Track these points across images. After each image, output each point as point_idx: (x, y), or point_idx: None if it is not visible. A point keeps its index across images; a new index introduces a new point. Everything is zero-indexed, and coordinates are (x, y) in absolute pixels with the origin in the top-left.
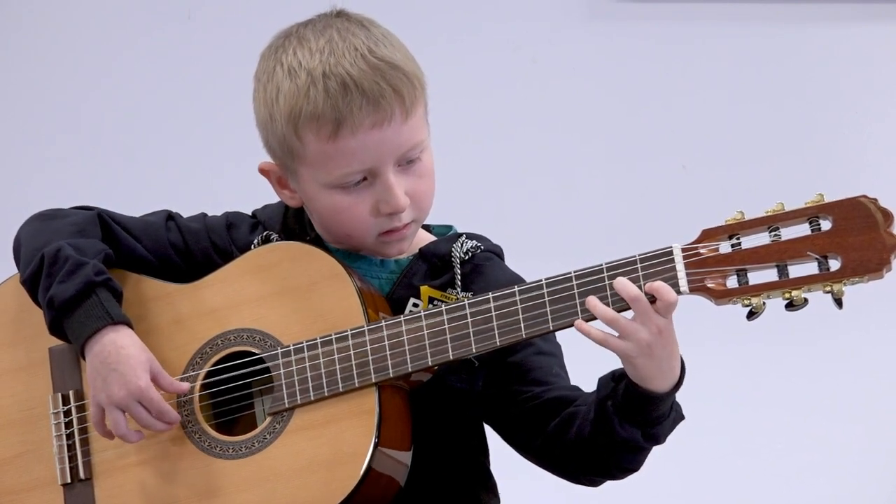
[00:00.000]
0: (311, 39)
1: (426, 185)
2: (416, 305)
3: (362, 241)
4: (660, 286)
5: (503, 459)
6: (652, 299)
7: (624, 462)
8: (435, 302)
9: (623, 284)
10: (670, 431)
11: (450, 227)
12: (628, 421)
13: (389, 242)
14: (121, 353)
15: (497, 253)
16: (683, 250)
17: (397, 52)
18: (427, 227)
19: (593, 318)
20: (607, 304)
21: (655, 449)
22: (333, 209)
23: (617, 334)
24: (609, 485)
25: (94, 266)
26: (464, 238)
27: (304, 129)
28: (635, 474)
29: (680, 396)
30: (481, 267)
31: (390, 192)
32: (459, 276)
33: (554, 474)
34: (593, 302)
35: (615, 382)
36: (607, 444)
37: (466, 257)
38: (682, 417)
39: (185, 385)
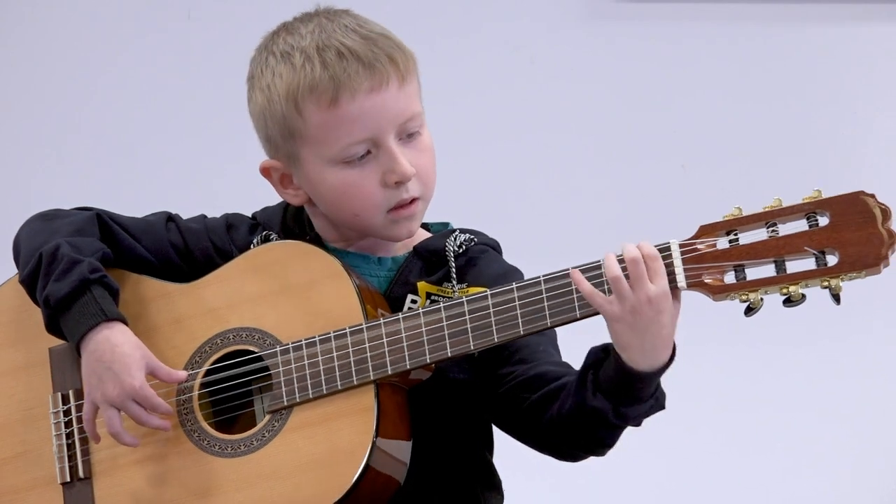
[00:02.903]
0: (300, 26)
1: (428, 160)
2: (414, 302)
3: (371, 221)
4: (643, 243)
5: (504, 456)
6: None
7: (596, 432)
8: (433, 297)
9: (619, 255)
10: (645, 417)
11: (446, 224)
12: (602, 392)
13: (398, 221)
14: (115, 350)
15: (493, 246)
16: (681, 246)
17: (387, 31)
18: (425, 226)
19: (594, 313)
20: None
21: (655, 447)
22: (340, 187)
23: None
24: (606, 483)
25: (89, 264)
26: (458, 232)
27: (305, 102)
28: (636, 474)
29: (676, 394)
30: (476, 259)
31: (395, 160)
32: (454, 270)
33: (538, 451)
34: (577, 275)
35: (603, 354)
36: (579, 412)
37: (460, 250)
38: (661, 407)
39: (184, 373)
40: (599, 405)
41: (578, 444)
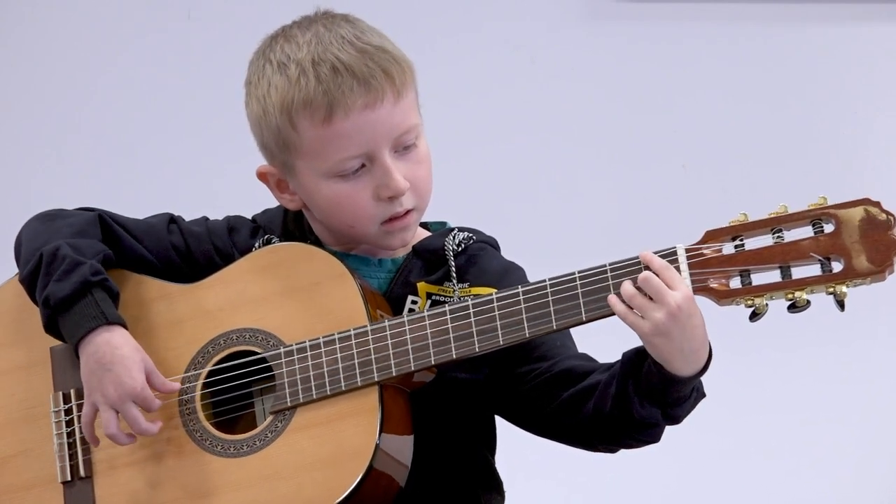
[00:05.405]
0: (298, 35)
1: (424, 172)
2: (414, 303)
3: (365, 232)
4: (646, 253)
5: (506, 458)
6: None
7: (642, 436)
8: (433, 297)
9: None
10: (691, 410)
11: (444, 224)
12: (648, 400)
13: (392, 232)
14: (115, 353)
15: (491, 244)
16: (687, 251)
17: (385, 41)
18: (424, 225)
19: (600, 316)
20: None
21: (658, 449)
22: (334, 200)
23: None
24: (608, 485)
25: (91, 266)
26: (456, 231)
27: (299, 117)
28: (639, 475)
29: None
30: (475, 257)
31: (389, 175)
32: (454, 269)
33: (568, 445)
34: (613, 299)
35: (638, 359)
36: (626, 420)
37: (459, 249)
38: (703, 396)
39: (176, 385)
40: (648, 414)
41: (623, 443)
